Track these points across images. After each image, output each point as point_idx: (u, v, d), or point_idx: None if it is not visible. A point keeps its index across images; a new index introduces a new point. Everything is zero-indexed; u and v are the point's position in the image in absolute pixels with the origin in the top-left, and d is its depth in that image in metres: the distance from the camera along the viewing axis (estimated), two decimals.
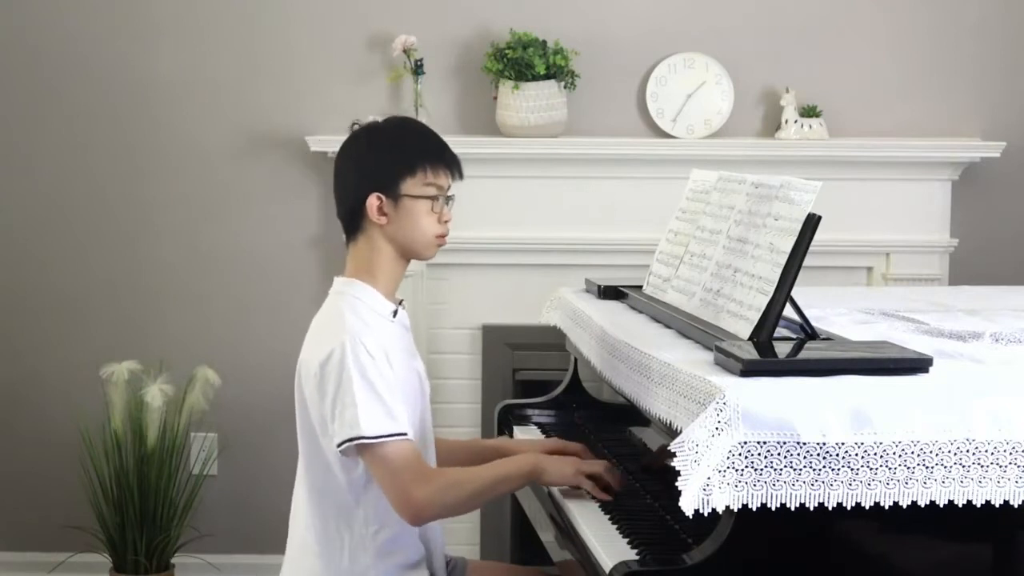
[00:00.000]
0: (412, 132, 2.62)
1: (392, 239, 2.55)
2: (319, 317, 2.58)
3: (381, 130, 2.62)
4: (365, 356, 2.42)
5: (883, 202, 4.26)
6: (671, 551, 2.19)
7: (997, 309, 2.97)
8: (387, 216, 2.53)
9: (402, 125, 2.65)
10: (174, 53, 4.35)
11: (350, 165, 2.60)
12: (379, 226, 2.54)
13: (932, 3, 4.34)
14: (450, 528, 4.24)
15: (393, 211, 2.53)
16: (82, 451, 4.15)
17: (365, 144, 2.60)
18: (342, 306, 2.51)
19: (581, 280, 3.33)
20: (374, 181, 2.53)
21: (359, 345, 2.42)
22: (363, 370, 2.41)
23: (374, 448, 2.41)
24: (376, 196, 2.52)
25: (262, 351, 4.35)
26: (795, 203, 2.38)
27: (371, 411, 2.40)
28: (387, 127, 2.63)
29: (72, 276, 4.42)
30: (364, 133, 2.63)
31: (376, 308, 2.54)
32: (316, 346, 2.49)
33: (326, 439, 2.48)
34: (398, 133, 2.61)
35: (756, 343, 2.29)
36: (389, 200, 2.53)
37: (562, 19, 4.28)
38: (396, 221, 2.53)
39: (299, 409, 2.55)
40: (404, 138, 2.59)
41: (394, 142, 2.58)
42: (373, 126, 2.64)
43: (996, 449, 2.03)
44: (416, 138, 2.60)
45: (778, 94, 4.29)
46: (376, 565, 2.52)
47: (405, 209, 2.53)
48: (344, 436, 2.41)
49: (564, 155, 4.25)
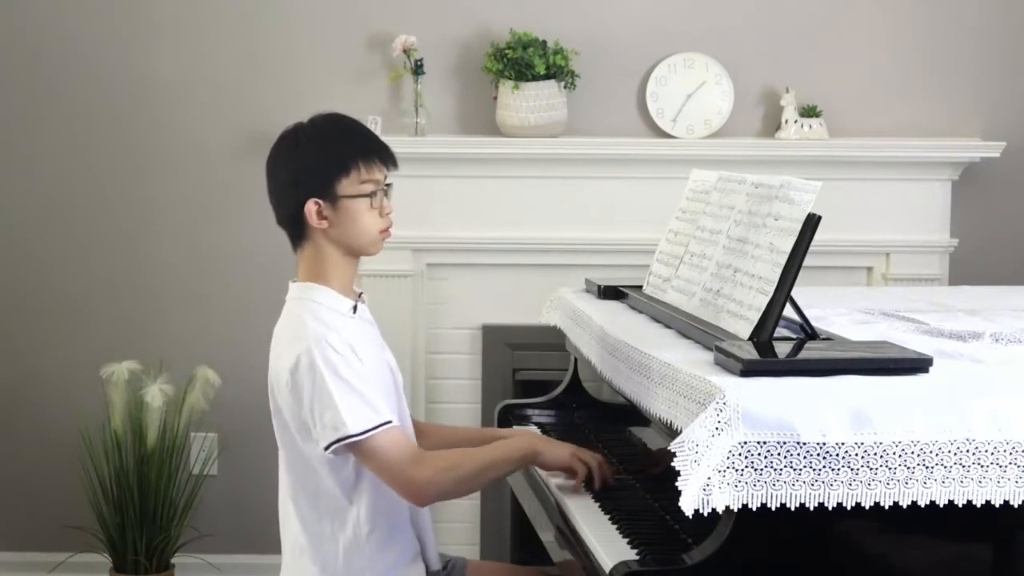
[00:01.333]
0: (338, 129, 2.56)
1: (336, 241, 2.53)
2: (280, 324, 2.58)
3: (307, 132, 2.55)
4: (332, 354, 2.41)
5: (883, 202, 4.26)
6: (671, 551, 2.19)
7: (997, 309, 2.97)
8: (327, 220, 2.50)
9: (327, 123, 2.57)
10: (174, 53, 4.35)
11: (282, 172, 2.55)
12: (321, 230, 2.51)
13: (932, 3, 4.34)
14: (450, 528, 4.27)
15: (333, 214, 2.50)
16: (82, 451, 4.15)
17: (294, 148, 2.54)
18: (300, 311, 2.50)
19: (581, 280, 3.33)
20: (309, 186, 2.49)
21: (325, 347, 2.42)
22: (334, 368, 2.41)
23: (363, 443, 2.41)
24: (314, 202, 2.49)
25: (262, 351, 4.27)
26: (795, 203, 2.38)
27: (351, 408, 2.39)
28: (313, 128, 2.56)
29: (72, 276, 4.42)
30: (291, 136, 2.56)
31: (335, 307, 2.52)
32: (283, 354, 2.49)
33: (308, 444, 2.48)
34: (324, 133, 2.55)
35: (756, 343, 2.29)
36: (327, 203, 2.49)
37: (562, 19, 4.28)
38: (337, 224, 2.51)
39: (275, 418, 2.55)
40: (332, 138, 2.54)
41: (322, 143, 2.53)
42: (299, 128, 2.57)
43: (996, 449, 2.03)
44: (344, 135, 2.55)
45: (778, 94, 4.29)
46: (372, 564, 2.52)
47: (345, 210, 2.50)
48: (330, 439, 2.41)
49: (564, 155, 4.25)
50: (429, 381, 4.36)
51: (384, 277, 4.18)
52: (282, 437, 2.55)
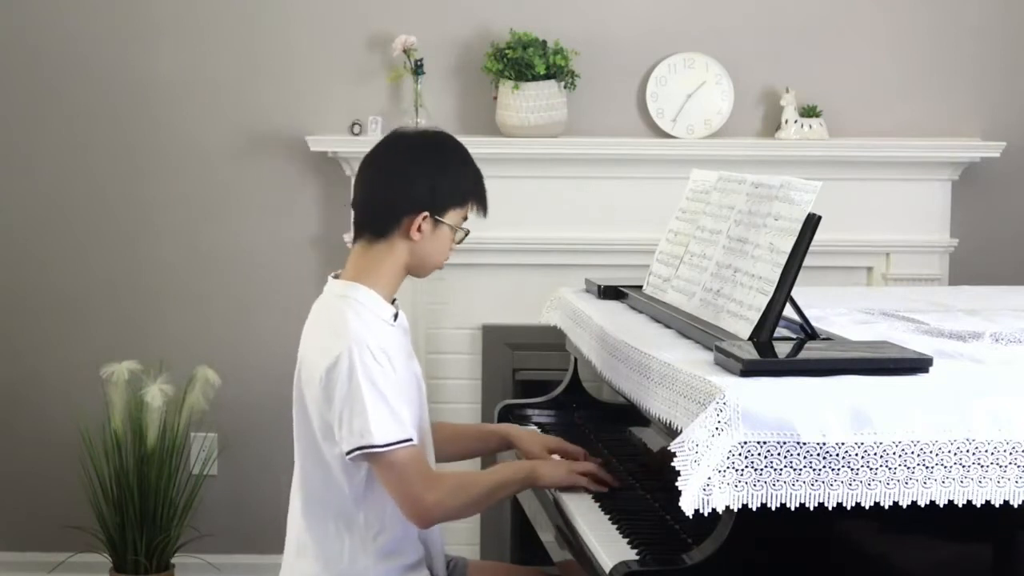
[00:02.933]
0: (470, 163, 2.61)
1: (413, 254, 2.56)
2: (320, 316, 2.57)
3: (457, 151, 2.60)
4: (372, 362, 2.42)
5: (883, 202, 4.26)
6: (671, 551, 2.19)
7: (997, 309, 2.97)
8: (422, 234, 2.53)
9: (465, 153, 2.61)
10: (174, 53, 4.35)
11: (404, 172, 2.56)
12: (408, 241, 2.54)
13: (932, 3, 4.34)
14: (450, 528, 4.24)
15: (429, 232, 2.54)
16: (82, 451, 4.15)
17: (429, 159, 2.57)
18: (345, 309, 2.50)
19: (581, 280, 3.33)
20: (428, 200, 2.53)
21: (366, 351, 2.42)
22: (372, 377, 2.41)
23: (383, 456, 2.41)
24: (425, 216, 2.52)
25: (262, 351, 4.35)
26: (795, 203, 2.38)
27: (381, 419, 2.40)
28: (449, 148, 2.61)
29: (72, 276, 4.42)
30: (428, 146, 2.59)
31: (378, 312, 2.53)
32: (320, 348, 2.48)
33: (328, 443, 2.48)
34: (461, 159, 2.59)
35: (756, 343, 2.29)
36: (432, 221, 2.53)
37: (562, 19, 4.28)
38: (424, 243, 2.54)
39: (297, 410, 2.54)
40: (465, 168, 2.59)
41: (457, 168, 2.58)
42: (438, 140, 2.61)
43: (996, 449, 2.03)
44: (472, 172, 2.60)
45: (778, 94, 4.29)
46: (376, 567, 2.52)
47: (439, 233, 2.55)
48: (354, 444, 2.41)
49: (564, 155, 4.25)
50: (429, 381, 4.31)
51: None
52: (300, 430, 2.54)
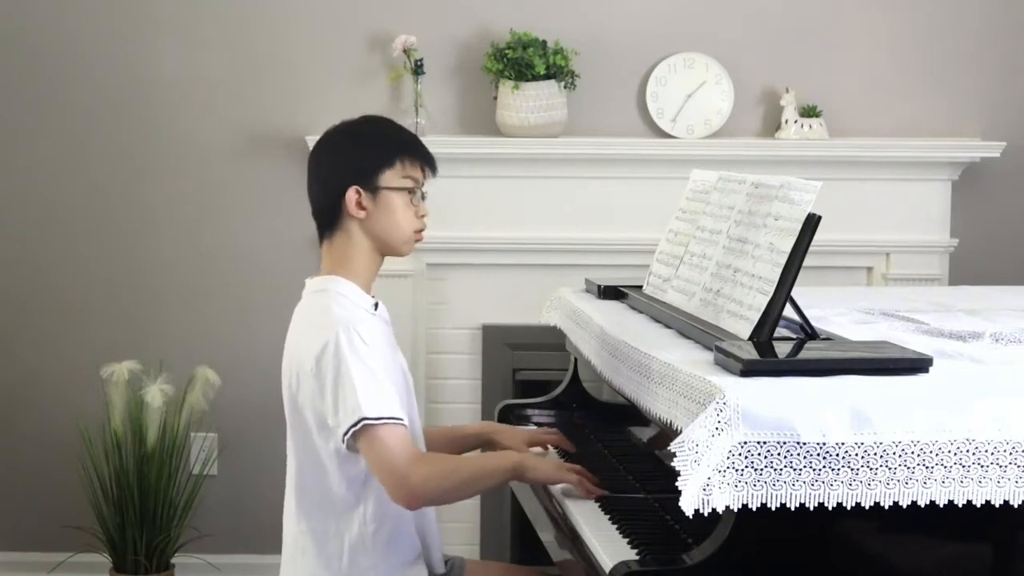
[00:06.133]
0: (387, 126, 2.64)
1: (370, 233, 2.56)
2: (302, 314, 2.58)
3: (356, 126, 2.63)
4: (360, 343, 2.42)
5: (883, 202, 4.26)
6: (671, 551, 2.19)
7: (997, 309, 2.97)
8: (366, 210, 2.54)
9: (377, 121, 2.67)
10: (174, 53, 4.35)
11: (326, 161, 2.61)
12: (358, 220, 2.55)
13: (932, 3, 4.34)
14: (450, 528, 4.26)
15: (372, 204, 2.54)
16: (82, 451, 4.15)
17: (339, 141, 2.61)
18: (326, 302, 2.51)
19: (581, 280, 3.33)
20: (352, 174, 2.55)
21: (353, 333, 2.43)
22: (360, 356, 2.42)
23: (373, 430, 2.39)
24: (355, 189, 2.53)
25: (262, 351, 4.33)
26: (795, 203, 2.38)
27: (371, 394, 2.40)
28: (361, 123, 2.65)
29: (72, 276, 4.42)
30: (339, 129, 2.64)
31: (358, 303, 2.54)
32: (307, 342, 2.48)
33: (323, 439, 2.48)
34: (373, 128, 2.63)
35: (756, 343, 2.29)
36: (367, 193, 2.54)
37: (562, 19, 4.28)
38: (375, 215, 2.54)
39: (290, 411, 2.54)
40: (380, 132, 2.62)
41: (370, 136, 2.60)
42: (347, 123, 2.65)
43: (996, 449, 2.03)
44: (392, 131, 2.63)
45: (778, 94, 4.29)
46: (376, 565, 2.52)
47: (383, 202, 2.55)
48: (349, 422, 2.39)
49: (564, 155, 4.25)
50: (429, 381, 4.36)
51: (384, 277, 4.07)
52: (295, 432, 2.54)
